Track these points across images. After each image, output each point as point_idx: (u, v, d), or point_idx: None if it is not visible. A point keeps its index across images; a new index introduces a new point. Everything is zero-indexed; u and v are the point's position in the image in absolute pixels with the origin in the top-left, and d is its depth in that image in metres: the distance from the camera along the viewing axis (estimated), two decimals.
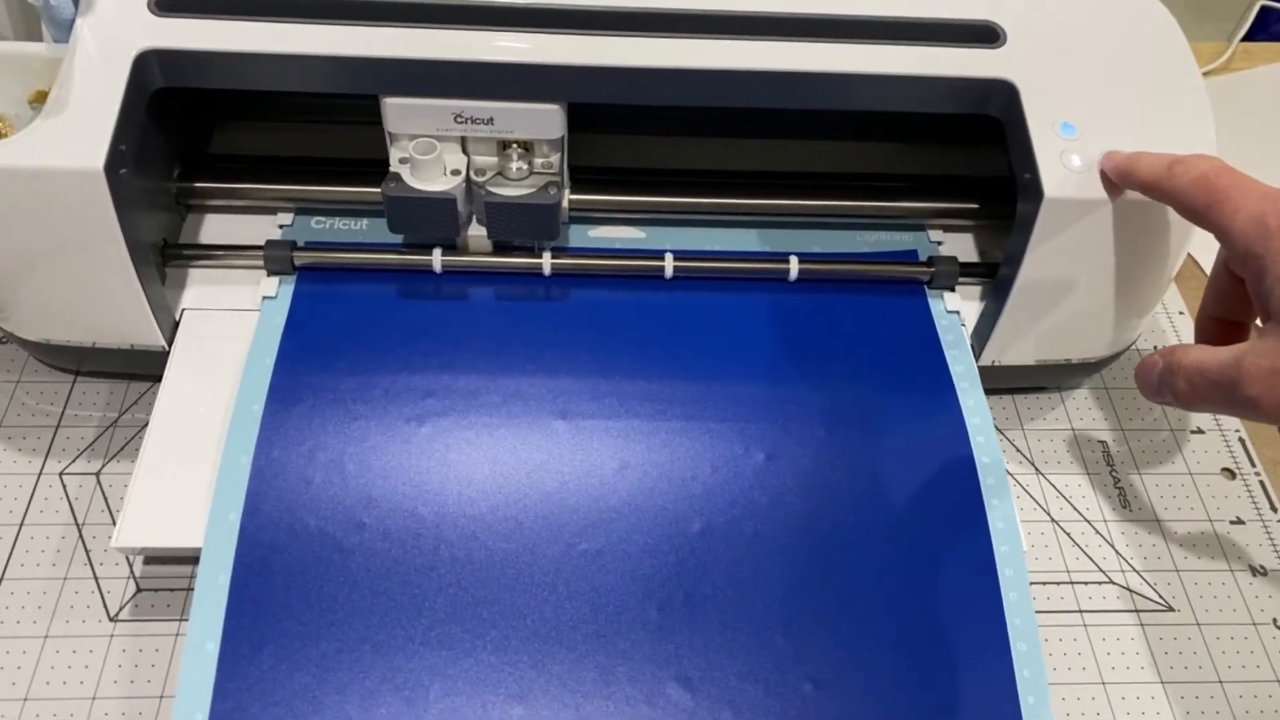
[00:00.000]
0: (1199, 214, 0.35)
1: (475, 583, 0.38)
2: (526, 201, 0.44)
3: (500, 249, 0.46)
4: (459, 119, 0.42)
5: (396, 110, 0.42)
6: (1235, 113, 0.64)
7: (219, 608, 0.37)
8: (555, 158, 0.44)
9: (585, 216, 0.49)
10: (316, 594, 0.37)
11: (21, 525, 0.42)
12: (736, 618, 0.38)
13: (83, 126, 0.38)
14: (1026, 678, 0.38)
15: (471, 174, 0.44)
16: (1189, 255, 0.55)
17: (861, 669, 0.38)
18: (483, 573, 0.38)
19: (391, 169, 0.43)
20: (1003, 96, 0.42)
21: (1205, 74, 0.65)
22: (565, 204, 0.46)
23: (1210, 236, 0.36)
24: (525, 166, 0.44)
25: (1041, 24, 0.43)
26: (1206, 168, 0.36)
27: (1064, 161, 0.40)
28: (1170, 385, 0.35)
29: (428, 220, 0.44)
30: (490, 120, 0.42)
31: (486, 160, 0.44)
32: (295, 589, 0.38)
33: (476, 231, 0.46)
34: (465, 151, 0.44)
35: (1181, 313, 0.53)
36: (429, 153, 0.43)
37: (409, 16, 0.41)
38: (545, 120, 0.42)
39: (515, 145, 0.44)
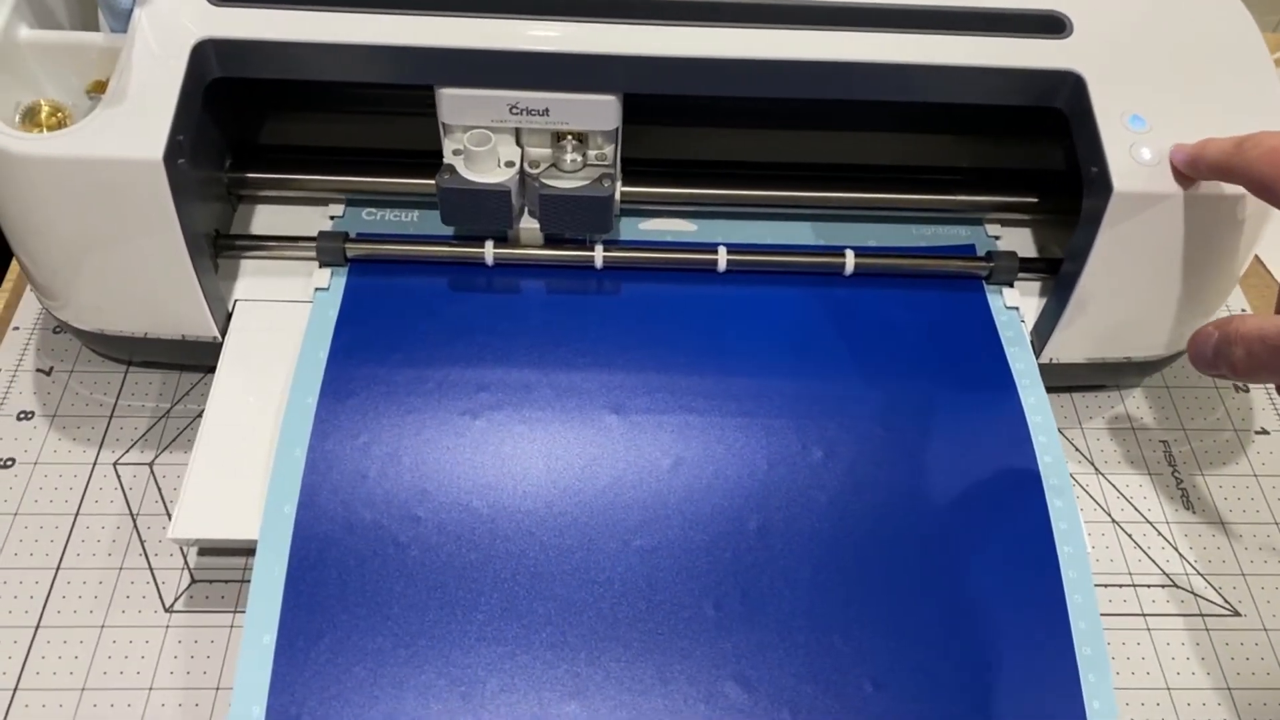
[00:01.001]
0: (1269, 188, 0.35)
1: (530, 578, 0.38)
2: (581, 194, 0.43)
3: (551, 242, 0.46)
4: (514, 110, 0.42)
5: (452, 101, 0.42)
6: None
7: (275, 601, 0.37)
8: (609, 149, 0.44)
9: (637, 209, 0.48)
10: (373, 587, 0.37)
11: (77, 515, 0.42)
12: (795, 617, 0.38)
13: (142, 116, 0.38)
14: (1092, 682, 0.37)
15: (525, 166, 0.44)
16: (1255, 256, 0.54)
17: (922, 670, 0.37)
18: (538, 568, 0.38)
19: (445, 160, 0.43)
20: (1069, 88, 0.41)
21: None
22: (618, 196, 0.45)
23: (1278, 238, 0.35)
24: (579, 158, 0.44)
25: (1109, 13, 0.42)
26: (1277, 141, 0.35)
27: (1133, 155, 0.39)
28: (1227, 356, 0.34)
29: (481, 212, 0.43)
30: (546, 111, 0.42)
31: (540, 152, 0.44)
32: (351, 582, 0.37)
33: (528, 224, 0.46)
34: (519, 143, 0.44)
35: (1243, 310, 0.52)
36: (484, 144, 0.42)
37: (466, 6, 0.41)
38: (601, 111, 0.42)
39: (569, 137, 0.43)
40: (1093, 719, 0.36)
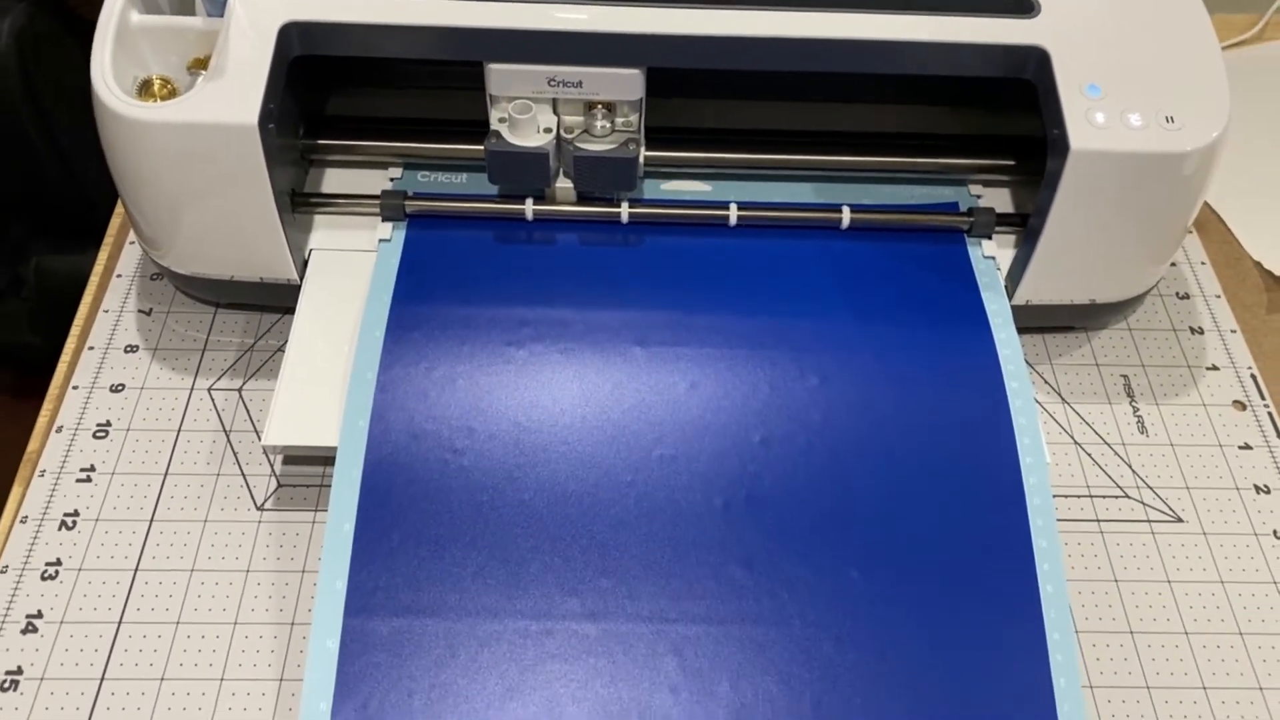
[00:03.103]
0: None
1: (567, 479, 0.45)
2: (609, 156, 0.50)
3: (583, 199, 0.53)
4: (552, 82, 0.48)
5: (499, 75, 0.48)
6: (1265, 82, 0.68)
7: (353, 496, 0.44)
8: (634, 117, 0.50)
9: (658, 171, 0.55)
10: (435, 486, 0.44)
11: (179, 431, 0.49)
12: (791, 514, 0.44)
13: (239, 88, 0.45)
14: (1046, 570, 0.43)
15: (561, 132, 0.50)
16: (1208, 205, 0.60)
17: (899, 557, 0.43)
18: (574, 471, 0.45)
19: (492, 127, 0.50)
20: (1036, 62, 0.47)
21: (1238, 44, 0.69)
22: (642, 159, 0.52)
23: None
24: (608, 125, 0.50)
25: None
26: None
27: (1089, 119, 0.45)
28: None
29: (523, 172, 0.50)
30: (579, 83, 0.48)
31: (574, 120, 0.50)
32: (416, 482, 0.44)
33: (563, 184, 0.52)
34: (556, 112, 0.50)
35: (1203, 263, 0.58)
36: (525, 113, 0.49)
37: None
38: (627, 83, 0.48)
39: (600, 106, 0.50)
40: (1046, 601, 0.43)
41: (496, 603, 0.42)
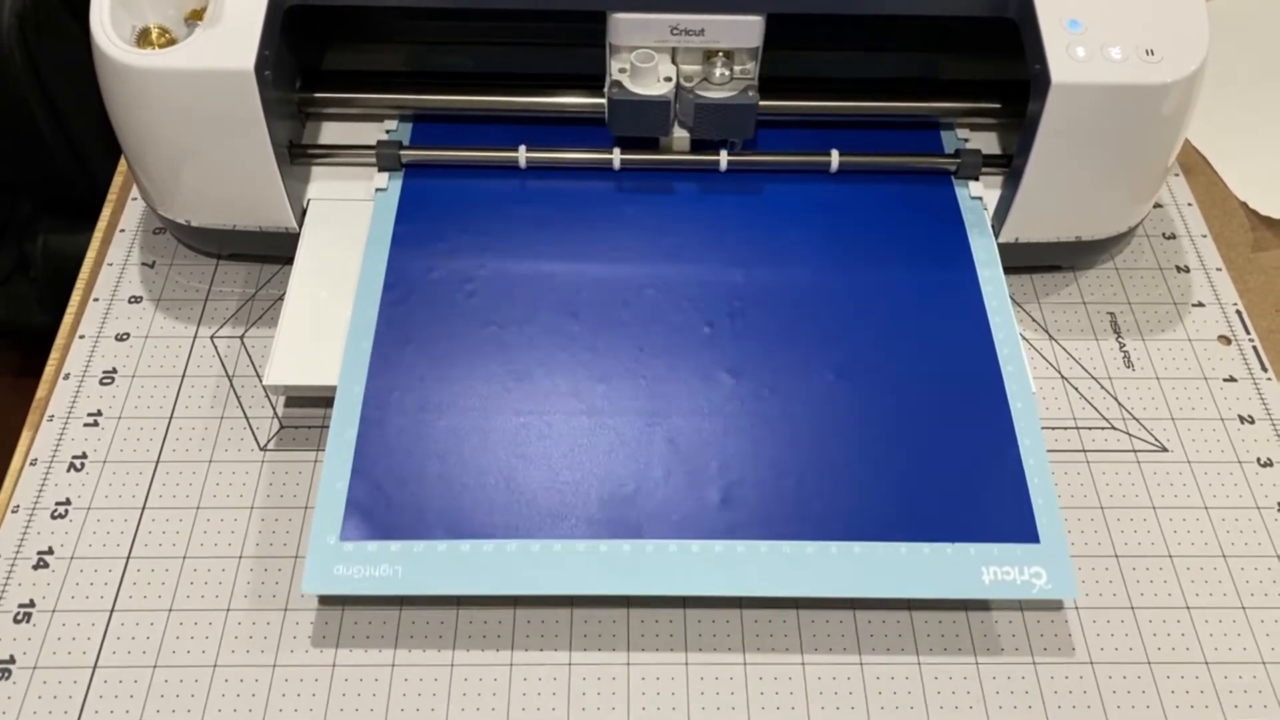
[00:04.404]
0: None
1: (568, 315, 0.48)
2: (731, 102, 0.50)
3: (575, 147, 0.53)
4: (674, 31, 0.49)
5: (622, 24, 0.49)
6: (1251, 29, 0.68)
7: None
8: (752, 65, 0.51)
9: None
10: (435, 349, 0.47)
11: (184, 376, 0.50)
12: (772, 331, 0.47)
13: (235, 36, 0.46)
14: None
15: (680, 80, 0.51)
16: (1195, 149, 0.60)
17: (878, 365, 0.47)
18: (577, 305, 0.48)
19: (612, 77, 0.50)
20: None
21: None
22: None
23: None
24: (727, 73, 0.50)
25: None
26: None
27: (1070, 53, 0.46)
28: None
29: (645, 120, 0.51)
30: (701, 31, 0.49)
31: (692, 68, 0.51)
32: (425, 326, 0.47)
33: (678, 132, 0.53)
34: (674, 61, 0.51)
35: (1190, 204, 0.58)
36: (648, 61, 0.49)
37: None
38: (748, 30, 0.49)
39: (719, 54, 0.50)
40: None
41: (501, 400, 0.46)
